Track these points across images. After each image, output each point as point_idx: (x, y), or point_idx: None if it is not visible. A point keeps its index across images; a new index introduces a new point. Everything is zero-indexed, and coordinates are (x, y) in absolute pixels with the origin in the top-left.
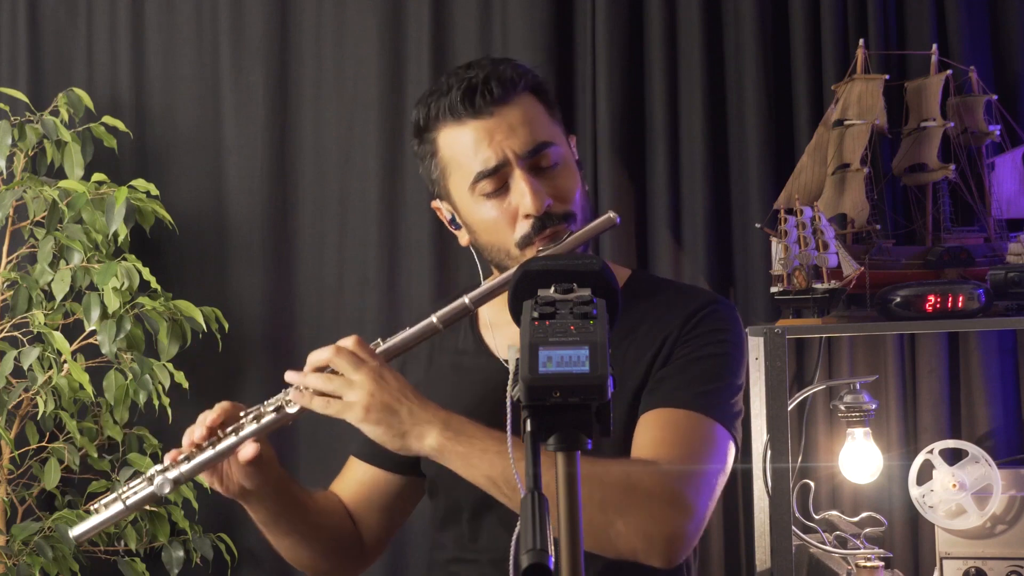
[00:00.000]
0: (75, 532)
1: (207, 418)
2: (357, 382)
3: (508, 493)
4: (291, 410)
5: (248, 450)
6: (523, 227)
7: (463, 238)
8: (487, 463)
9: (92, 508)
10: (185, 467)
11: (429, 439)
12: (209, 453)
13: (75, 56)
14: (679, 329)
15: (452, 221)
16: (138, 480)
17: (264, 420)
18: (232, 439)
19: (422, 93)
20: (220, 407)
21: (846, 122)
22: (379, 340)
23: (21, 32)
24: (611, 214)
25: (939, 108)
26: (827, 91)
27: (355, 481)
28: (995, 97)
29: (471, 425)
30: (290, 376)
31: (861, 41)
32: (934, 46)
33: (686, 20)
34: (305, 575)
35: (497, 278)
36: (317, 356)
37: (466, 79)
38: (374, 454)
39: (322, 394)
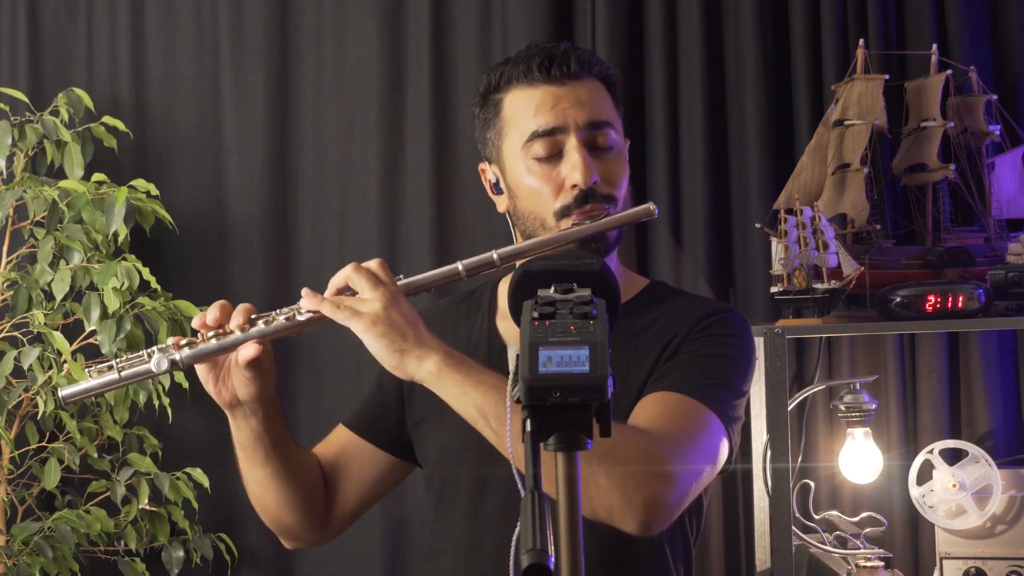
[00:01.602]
0: (64, 392)
1: (224, 305)
2: (371, 298)
3: (495, 428)
4: (301, 317)
5: (249, 350)
6: (565, 197)
7: (501, 204)
8: (480, 394)
9: (87, 371)
10: (185, 352)
11: (428, 363)
12: (212, 344)
13: (75, 56)
14: (688, 330)
15: (495, 185)
16: (137, 354)
17: (273, 324)
18: (237, 335)
19: (496, 62)
20: (241, 306)
21: (846, 122)
22: (401, 276)
23: (21, 32)
24: (651, 205)
25: (939, 108)
26: (827, 91)
27: (339, 448)
28: (995, 97)
29: (472, 360)
30: (306, 292)
31: (861, 41)
32: (934, 46)
33: (686, 20)
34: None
35: (530, 240)
36: (338, 276)
37: (547, 49)
38: (365, 427)
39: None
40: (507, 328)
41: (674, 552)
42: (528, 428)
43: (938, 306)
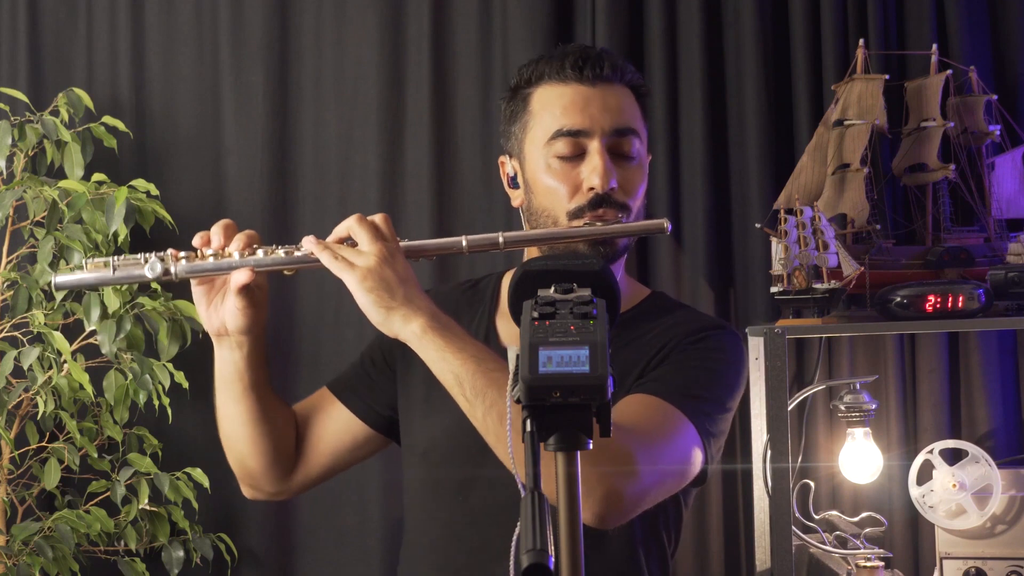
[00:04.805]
0: (58, 280)
1: (228, 225)
2: (367, 251)
3: (470, 398)
4: (299, 253)
5: (242, 275)
6: (581, 199)
7: (516, 199)
8: (459, 362)
9: (83, 262)
10: (182, 264)
11: (414, 324)
12: (208, 263)
13: (75, 56)
14: (680, 340)
15: (513, 179)
16: (134, 256)
17: (271, 256)
18: (235, 258)
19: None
20: (244, 232)
21: (846, 122)
22: (405, 239)
23: (21, 32)
24: (664, 221)
25: (939, 108)
26: (827, 91)
27: (318, 409)
28: (995, 97)
29: (459, 327)
30: (309, 238)
31: (861, 41)
32: (934, 46)
33: (686, 20)
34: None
35: (539, 229)
36: (341, 225)
37: (582, 49)
38: (348, 395)
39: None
40: (505, 327)
41: (649, 560)
42: (528, 428)
43: (938, 306)
